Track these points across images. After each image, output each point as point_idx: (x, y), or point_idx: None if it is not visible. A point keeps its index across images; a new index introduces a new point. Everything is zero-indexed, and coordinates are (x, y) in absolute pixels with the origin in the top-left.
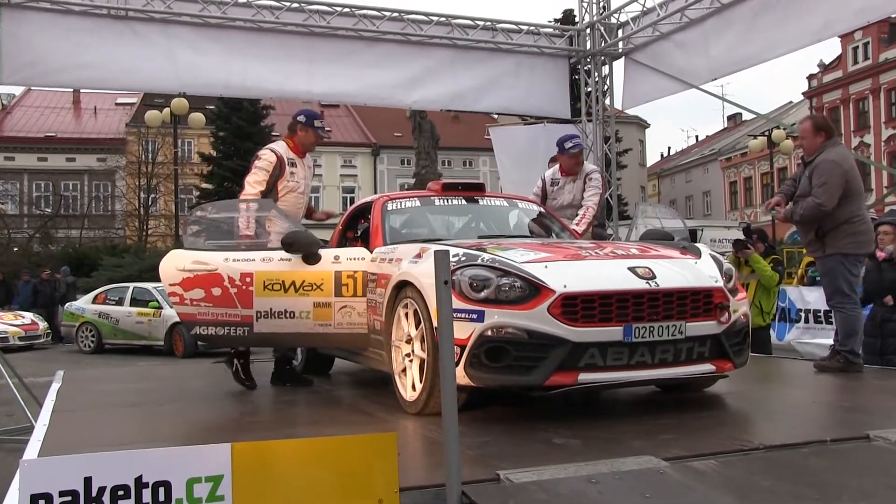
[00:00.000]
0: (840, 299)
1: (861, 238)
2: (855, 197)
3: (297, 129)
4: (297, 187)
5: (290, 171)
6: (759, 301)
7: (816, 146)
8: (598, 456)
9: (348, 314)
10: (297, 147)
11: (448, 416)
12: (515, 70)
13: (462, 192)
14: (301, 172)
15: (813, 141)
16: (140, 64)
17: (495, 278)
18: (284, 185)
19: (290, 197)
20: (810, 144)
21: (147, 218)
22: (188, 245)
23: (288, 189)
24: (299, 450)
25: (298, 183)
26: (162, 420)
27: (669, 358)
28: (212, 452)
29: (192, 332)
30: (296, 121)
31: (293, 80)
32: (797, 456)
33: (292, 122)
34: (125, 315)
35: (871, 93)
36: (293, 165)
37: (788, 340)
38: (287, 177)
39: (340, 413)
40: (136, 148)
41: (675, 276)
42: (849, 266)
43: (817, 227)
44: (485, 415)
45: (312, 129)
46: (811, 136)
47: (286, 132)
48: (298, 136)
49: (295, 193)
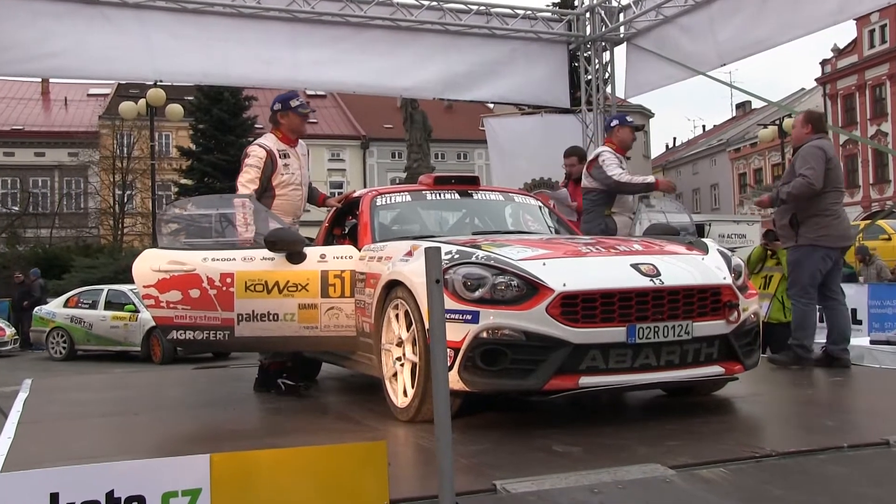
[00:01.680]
0: (799, 292)
1: (833, 232)
2: (833, 190)
3: (279, 118)
4: (293, 179)
5: (283, 163)
6: (781, 295)
7: (802, 136)
8: (600, 464)
9: (335, 316)
10: (286, 136)
11: (441, 423)
12: (511, 57)
13: (455, 185)
14: (295, 163)
15: (800, 131)
16: (113, 52)
17: (490, 277)
18: (280, 179)
19: (288, 192)
20: (797, 134)
21: (122, 216)
22: (164, 244)
23: (284, 183)
24: (283, 460)
25: (294, 174)
26: (137, 431)
27: (675, 360)
28: (189, 464)
29: (169, 337)
30: (273, 111)
31: (277, 68)
32: (812, 463)
33: (271, 115)
34: (99, 319)
35: (888, 78)
36: (286, 157)
37: None
38: (281, 170)
39: (327, 421)
40: (110, 142)
41: (680, 273)
42: (817, 259)
43: (792, 215)
44: (480, 421)
45: (293, 112)
46: (799, 127)
47: (270, 126)
48: (284, 125)
49: (292, 187)
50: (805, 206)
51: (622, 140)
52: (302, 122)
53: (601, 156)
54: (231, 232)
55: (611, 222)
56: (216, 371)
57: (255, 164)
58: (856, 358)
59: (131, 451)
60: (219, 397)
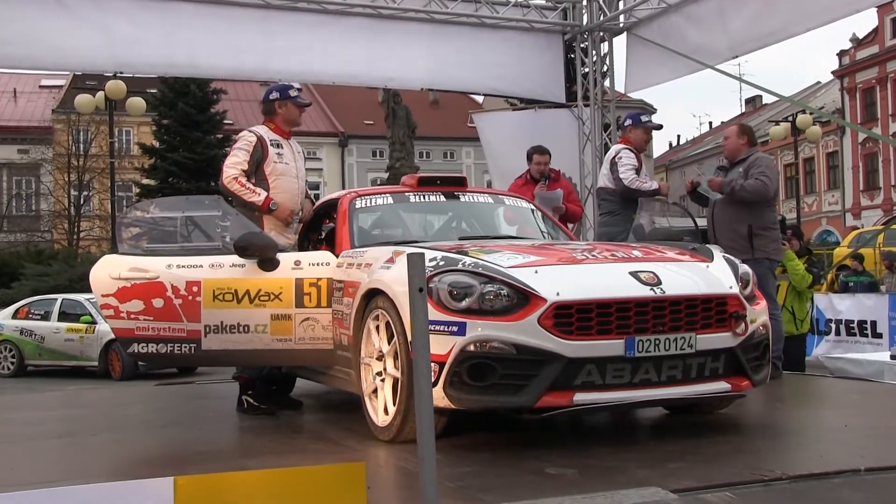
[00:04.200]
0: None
1: (778, 246)
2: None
3: (276, 108)
4: (288, 170)
5: (275, 151)
6: (790, 306)
7: (739, 148)
8: (596, 488)
9: (311, 328)
10: (280, 128)
11: (425, 444)
12: (502, 48)
13: (441, 187)
14: (289, 154)
15: (736, 142)
16: (68, 39)
17: (478, 285)
18: (273, 167)
19: (283, 182)
20: (733, 146)
21: (78, 219)
22: (124, 249)
23: (278, 172)
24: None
25: (289, 164)
26: (93, 453)
27: (678, 375)
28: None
29: (130, 351)
30: (270, 100)
31: (248, 58)
32: (826, 487)
33: (268, 105)
34: (52, 331)
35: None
36: (278, 146)
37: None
38: (273, 157)
39: (302, 441)
40: (65, 138)
41: (683, 281)
42: (773, 272)
43: (748, 227)
44: (467, 442)
45: (292, 102)
46: (735, 138)
47: (263, 117)
48: (280, 115)
49: (288, 177)
50: (760, 218)
51: (636, 141)
52: (300, 113)
53: (619, 154)
54: (198, 236)
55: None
56: (181, 387)
57: (243, 148)
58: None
59: (87, 475)
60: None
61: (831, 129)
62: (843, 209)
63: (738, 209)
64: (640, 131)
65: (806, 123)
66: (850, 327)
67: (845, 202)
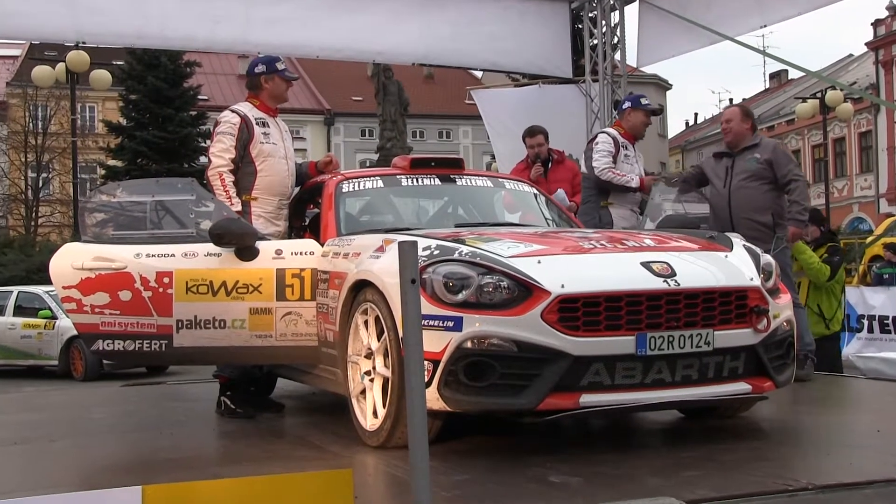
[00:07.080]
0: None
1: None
2: None
3: (262, 82)
4: (276, 150)
5: (261, 131)
6: (816, 304)
7: (743, 132)
8: (604, 497)
9: (293, 323)
10: (265, 104)
11: (417, 449)
12: (504, 17)
13: (435, 169)
14: (276, 133)
15: (741, 126)
16: (24, 5)
17: (476, 276)
18: (259, 148)
19: (271, 164)
20: (740, 130)
21: (37, 204)
22: (88, 237)
23: (265, 153)
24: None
25: (276, 145)
26: (54, 460)
27: (694, 375)
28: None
29: (94, 348)
30: (256, 74)
31: (226, 27)
32: (856, 498)
33: (253, 78)
34: (7, 328)
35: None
36: (264, 125)
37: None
38: (260, 138)
39: (283, 447)
40: (21, 114)
41: (699, 272)
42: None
43: (771, 215)
44: (463, 447)
45: (279, 75)
46: (739, 121)
47: (247, 92)
48: (266, 90)
49: (276, 158)
50: (781, 205)
51: (633, 125)
52: (287, 88)
53: (596, 139)
54: (170, 223)
55: (605, 215)
56: (150, 388)
57: (228, 132)
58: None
59: (47, 484)
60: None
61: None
62: (876, 194)
63: (758, 195)
64: (640, 114)
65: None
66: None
67: (879, 187)
